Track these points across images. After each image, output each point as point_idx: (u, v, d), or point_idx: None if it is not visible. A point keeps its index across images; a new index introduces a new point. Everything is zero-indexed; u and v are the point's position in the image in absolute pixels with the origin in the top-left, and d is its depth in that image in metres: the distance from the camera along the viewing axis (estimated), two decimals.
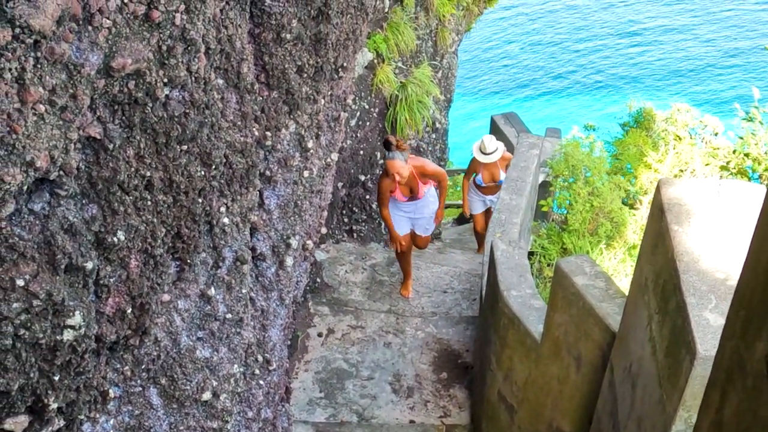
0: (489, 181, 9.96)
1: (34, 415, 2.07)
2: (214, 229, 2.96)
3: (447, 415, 7.68)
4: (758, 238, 1.45)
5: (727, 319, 1.57)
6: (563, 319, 4.86)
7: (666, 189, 3.66)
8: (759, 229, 1.45)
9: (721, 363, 1.57)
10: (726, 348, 1.54)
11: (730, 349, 1.50)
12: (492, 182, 9.92)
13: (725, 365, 1.53)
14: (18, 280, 1.80)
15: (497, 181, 9.81)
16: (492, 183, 9.94)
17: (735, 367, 1.44)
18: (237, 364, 3.30)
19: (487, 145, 9.65)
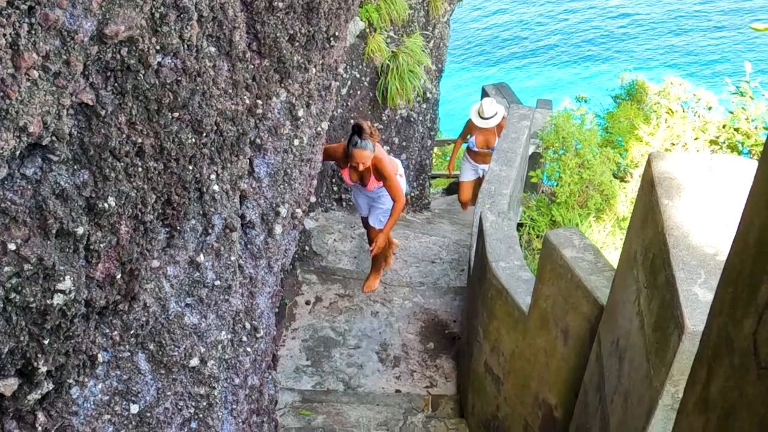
0: (483, 147, 9.89)
1: (24, 378, 2.07)
2: (204, 196, 2.95)
3: (433, 385, 7.73)
4: (748, 215, 1.45)
5: (715, 296, 1.58)
6: (551, 291, 4.88)
7: (657, 162, 3.66)
8: (749, 205, 1.45)
9: (708, 340, 1.58)
10: (713, 325, 1.55)
11: (718, 326, 1.51)
12: (486, 148, 9.86)
13: (712, 342, 1.53)
14: (10, 244, 1.79)
15: (491, 147, 9.71)
16: (486, 149, 9.87)
17: (722, 344, 1.45)
18: (225, 331, 3.31)
19: (485, 109, 9.58)
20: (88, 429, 2.49)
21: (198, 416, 3.13)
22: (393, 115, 10.21)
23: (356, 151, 6.84)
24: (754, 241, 1.34)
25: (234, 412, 3.68)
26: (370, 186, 7.45)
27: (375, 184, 7.40)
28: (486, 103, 9.72)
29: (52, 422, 2.33)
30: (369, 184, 7.44)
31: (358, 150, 6.83)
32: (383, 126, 10.20)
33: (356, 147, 6.82)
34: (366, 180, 7.41)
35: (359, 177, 7.42)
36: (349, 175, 7.47)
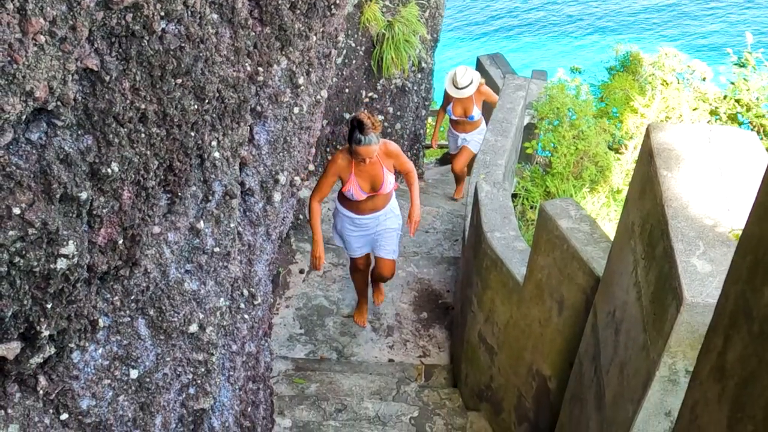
0: (460, 115, 9.67)
1: (27, 342, 2.07)
2: (205, 162, 2.94)
3: (426, 354, 7.76)
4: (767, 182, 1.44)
5: (732, 263, 1.58)
6: (546, 262, 4.89)
7: (656, 133, 3.66)
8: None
9: (724, 308, 1.58)
10: (730, 292, 1.55)
11: (735, 293, 1.51)
12: (463, 117, 9.64)
13: (729, 310, 1.54)
14: (14, 208, 1.79)
15: (469, 116, 9.57)
16: (463, 118, 9.66)
17: (740, 312, 1.45)
18: (223, 297, 3.31)
19: (459, 79, 9.21)
20: (88, 393, 2.50)
21: (196, 382, 3.15)
22: (388, 85, 10.16)
23: (363, 149, 6.06)
24: None
25: (231, 379, 3.70)
26: (385, 187, 6.52)
27: (390, 178, 6.50)
28: (460, 72, 9.31)
29: (53, 386, 2.34)
30: (384, 184, 6.50)
31: (364, 147, 6.06)
32: (378, 95, 10.16)
33: (361, 144, 6.05)
34: (379, 181, 6.48)
35: (370, 184, 6.49)
36: (359, 187, 6.46)
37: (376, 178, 6.44)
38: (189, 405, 3.12)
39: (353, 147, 6.09)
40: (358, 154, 6.11)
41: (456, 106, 9.64)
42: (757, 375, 1.33)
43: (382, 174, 6.43)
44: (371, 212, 6.74)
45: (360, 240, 6.99)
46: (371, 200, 6.62)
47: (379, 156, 6.30)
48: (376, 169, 6.39)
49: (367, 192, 6.50)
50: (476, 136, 9.78)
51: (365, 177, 6.42)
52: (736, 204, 3.24)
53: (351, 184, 6.41)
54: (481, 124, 9.86)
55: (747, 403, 1.37)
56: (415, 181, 6.70)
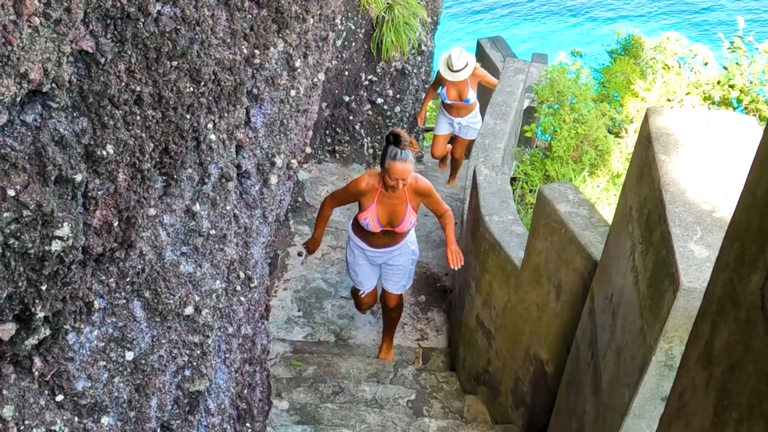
0: (455, 99, 9.37)
1: (21, 324, 2.07)
2: (200, 145, 2.94)
3: (424, 338, 7.78)
4: (756, 169, 1.44)
5: (720, 250, 1.58)
6: (544, 246, 4.89)
7: (654, 118, 3.66)
8: (757, 159, 1.44)
9: (712, 294, 1.58)
10: (718, 279, 1.55)
11: (723, 280, 1.51)
12: (458, 100, 9.37)
13: (717, 297, 1.54)
14: (9, 190, 1.78)
15: (464, 99, 9.32)
16: (458, 101, 9.38)
17: (727, 299, 1.45)
18: (219, 280, 3.31)
19: (454, 61, 8.90)
20: (83, 375, 2.50)
21: (192, 364, 3.15)
22: (387, 68, 10.14)
23: (397, 165, 5.37)
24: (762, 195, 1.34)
25: (227, 361, 3.70)
26: (404, 225, 5.89)
27: (412, 218, 5.89)
28: (455, 54, 8.97)
29: (49, 367, 2.34)
30: (403, 223, 5.87)
31: (399, 162, 5.36)
32: (377, 78, 10.14)
33: (396, 159, 5.36)
34: (399, 217, 5.85)
35: (389, 218, 5.87)
36: (377, 219, 5.82)
37: (398, 215, 5.83)
38: (185, 387, 3.12)
39: (387, 164, 5.41)
40: (391, 174, 5.42)
41: (450, 90, 9.35)
42: (743, 362, 1.33)
43: (405, 211, 5.81)
44: (384, 247, 6.23)
45: (368, 269, 6.49)
46: (386, 236, 6.06)
47: (407, 191, 5.69)
48: (400, 204, 5.77)
49: (383, 225, 5.90)
50: (471, 121, 9.64)
51: (386, 209, 5.81)
52: (735, 189, 3.23)
53: (369, 213, 5.80)
54: (475, 107, 9.64)
55: (732, 390, 1.37)
56: (450, 222, 6.00)
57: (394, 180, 5.45)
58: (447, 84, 9.29)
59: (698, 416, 1.57)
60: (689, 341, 1.74)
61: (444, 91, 9.42)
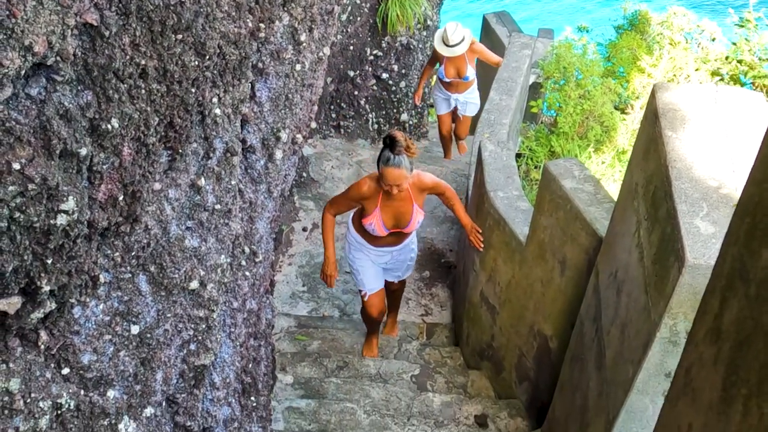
0: (453, 76, 9.27)
1: (27, 297, 2.08)
2: (205, 119, 2.93)
3: (428, 313, 7.79)
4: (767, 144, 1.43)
5: (730, 225, 1.57)
6: (549, 222, 4.88)
7: (661, 93, 3.64)
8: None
9: (721, 270, 1.58)
10: (727, 254, 1.54)
11: (732, 255, 1.50)
12: (457, 78, 9.27)
13: (726, 272, 1.53)
14: (14, 163, 1.78)
15: (463, 76, 9.23)
16: (457, 78, 9.28)
17: (736, 275, 1.45)
18: (224, 254, 3.31)
19: (450, 36, 8.74)
20: (89, 348, 2.51)
21: (197, 338, 3.16)
22: (393, 43, 10.10)
23: (389, 171, 5.16)
24: None
25: (232, 336, 3.72)
26: (411, 226, 5.73)
27: (419, 217, 5.71)
28: (450, 28, 8.77)
29: (55, 341, 2.35)
30: (411, 223, 5.70)
31: (391, 169, 5.15)
32: (382, 53, 10.09)
33: (388, 164, 5.15)
34: (406, 219, 5.66)
35: (395, 221, 5.68)
36: (383, 223, 5.63)
37: (404, 216, 5.65)
38: (190, 361, 3.13)
39: (380, 168, 5.25)
40: (384, 178, 5.23)
41: (448, 67, 9.20)
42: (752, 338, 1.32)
43: (412, 212, 5.62)
44: (388, 246, 6.02)
45: (377, 277, 6.28)
46: (392, 236, 5.87)
47: (411, 190, 5.50)
48: (405, 205, 5.57)
49: (389, 229, 5.71)
50: (470, 97, 9.57)
51: (392, 213, 5.61)
52: (741, 165, 3.22)
53: (374, 218, 5.59)
54: (474, 82, 9.55)
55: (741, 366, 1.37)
56: (456, 199, 5.96)
57: (387, 186, 5.25)
58: (444, 61, 9.15)
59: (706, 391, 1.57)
60: (697, 316, 1.73)
61: (442, 68, 9.28)
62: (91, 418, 2.54)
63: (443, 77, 9.33)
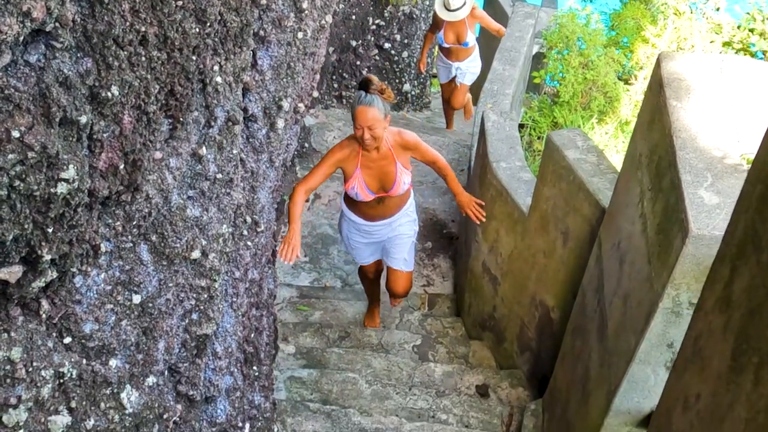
0: (453, 42, 9.11)
1: (28, 266, 2.07)
2: (207, 87, 2.90)
3: (430, 284, 7.80)
4: None
5: (741, 192, 1.55)
6: (552, 192, 4.87)
7: (666, 63, 3.61)
8: None
9: (732, 237, 1.56)
10: (739, 222, 1.52)
11: (744, 223, 1.48)
12: (456, 43, 9.11)
13: (737, 239, 1.51)
14: (13, 131, 1.76)
15: (462, 42, 9.08)
16: (456, 44, 9.12)
17: (749, 242, 1.43)
18: (226, 224, 3.30)
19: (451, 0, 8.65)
20: (91, 317, 2.50)
21: (199, 308, 3.15)
22: (395, 12, 10.03)
23: (359, 110, 4.81)
24: None
25: (234, 305, 3.71)
26: (397, 188, 5.31)
27: (405, 178, 5.30)
28: None
29: (56, 310, 2.34)
30: (396, 184, 5.28)
31: (361, 107, 4.80)
32: (385, 23, 10.03)
33: (360, 103, 4.81)
34: (390, 180, 5.26)
35: (379, 183, 5.30)
36: (366, 185, 5.24)
37: (388, 176, 5.25)
38: (192, 330, 3.13)
39: (352, 113, 4.90)
40: (356, 122, 4.86)
41: (448, 32, 9.05)
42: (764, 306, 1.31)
43: (395, 171, 5.22)
44: (381, 218, 5.64)
45: (369, 248, 6.00)
46: (381, 204, 5.48)
47: (393, 148, 5.15)
48: (388, 164, 5.20)
49: (374, 192, 5.32)
50: (470, 65, 9.42)
51: (374, 173, 5.23)
52: (747, 135, 3.20)
53: (355, 180, 5.21)
54: (474, 50, 9.39)
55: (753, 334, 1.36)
56: (447, 169, 5.50)
57: (360, 129, 4.85)
58: (444, 26, 9.02)
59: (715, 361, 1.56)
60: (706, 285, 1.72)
61: (441, 34, 9.15)
62: (94, 386, 2.54)
63: (442, 42, 9.21)
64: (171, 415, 3.07)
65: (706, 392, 1.71)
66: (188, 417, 3.32)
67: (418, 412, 5.58)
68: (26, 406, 2.18)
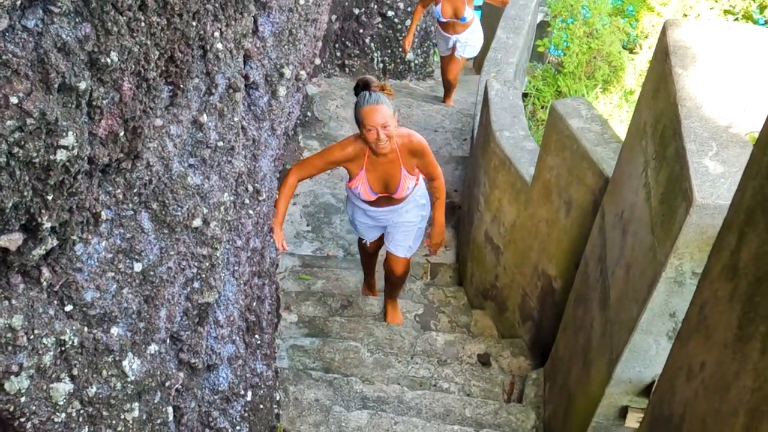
0: (450, 16, 8.93)
1: (28, 234, 2.05)
2: (207, 54, 2.87)
3: None
4: None
5: (750, 158, 1.53)
6: (555, 162, 4.85)
7: (672, 31, 3.57)
8: None
9: (740, 204, 1.54)
10: (747, 188, 1.50)
11: (753, 188, 1.46)
12: (454, 18, 8.92)
13: (745, 206, 1.49)
14: (12, 97, 1.74)
15: (460, 17, 8.89)
16: (454, 19, 8.94)
17: (757, 208, 1.41)
18: (227, 192, 3.28)
19: None
20: (92, 285, 2.49)
21: (201, 276, 3.14)
22: None
23: (368, 109, 4.60)
24: None
25: (236, 274, 3.70)
26: (401, 191, 5.16)
27: (408, 183, 5.14)
28: None
29: (57, 278, 2.33)
30: (400, 188, 5.13)
31: (369, 107, 4.60)
32: None
33: (366, 103, 4.60)
34: (394, 183, 5.11)
35: (383, 185, 5.14)
36: (369, 187, 5.10)
37: (392, 180, 5.10)
38: (193, 299, 3.13)
39: (359, 117, 4.70)
40: (366, 125, 4.66)
41: (445, 6, 8.88)
42: None
43: (400, 176, 5.05)
44: (387, 205, 5.46)
45: (374, 231, 5.85)
46: (385, 199, 5.34)
47: (400, 151, 4.95)
48: (393, 168, 5.02)
49: (378, 193, 5.19)
50: (470, 37, 9.18)
51: (378, 176, 5.08)
52: (753, 104, 3.17)
53: (359, 181, 5.07)
54: (473, 23, 9.16)
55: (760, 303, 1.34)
56: (441, 191, 5.38)
57: (370, 129, 4.64)
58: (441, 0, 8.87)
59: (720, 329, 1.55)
60: (712, 253, 1.70)
61: (439, 8, 8.96)
62: (95, 354, 2.54)
63: (440, 17, 9.04)
64: (173, 382, 3.07)
65: (711, 361, 1.70)
66: (190, 385, 3.33)
67: (419, 380, 5.60)
68: (28, 373, 2.18)
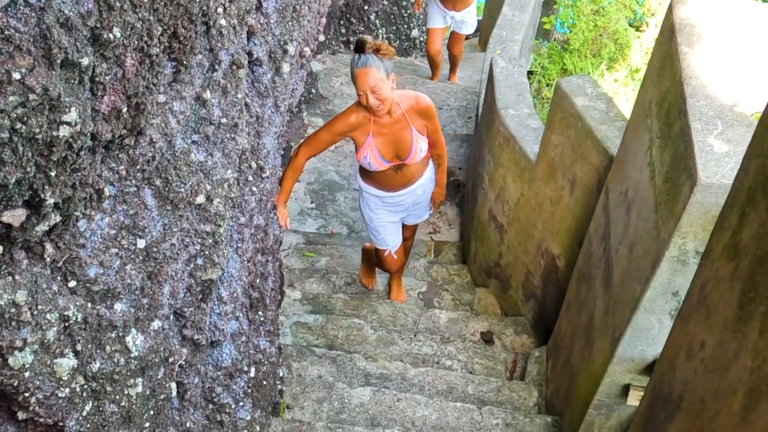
0: None
1: (32, 210, 2.05)
2: (210, 30, 2.86)
3: (436, 231, 7.79)
4: None
5: (753, 137, 1.52)
6: (560, 140, 4.83)
7: (679, 8, 3.55)
8: None
9: (742, 183, 1.53)
10: (749, 168, 1.50)
11: (755, 168, 1.45)
12: None
13: (747, 185, 1.49)
14: (14, 73, 1.73)
15: None
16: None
17: (759, 188, 1.40)
18: (231, 169, 3.28)
19: None
20: (95, 261, 2.50)
21: (204, 253, 3.15)
22: None
23: (357, 73, 4.46)
24: None
25: (239, 251, 3.71)
26: (414, 155, 4.91)
27: (422, 145, 4.92)
28: None
29: (60, 254, 2.33)
30: (412, 152, 4.89)
31: (358, 71, 4.45)
32: None
33: (358, 66, 4.44)
34: (406, 147, 4.87)
35: (394, 150, 4.90)
36: (379, 154, 4.86)
37: (403, 144, 4.86)
38: (197, 275, 3.13)
39: (353, 80, 4.57)
40: (357, 87, 4.53)
41: None
42: None
43: (411, 138, 4.83)
44: (403, 187, 5.23)
45: (396, 230, 5.64)
46: (400, 172, 5.08)
47: (408, 114, 4.77)
48: (402, 129, 4.80)
49: (389, 161, 4.93)
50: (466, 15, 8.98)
51: (387, 140, 4.82)
52: (759, 83, 3.15)
53: (367, 149, 4.82)
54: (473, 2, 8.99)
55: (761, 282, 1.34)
56: (444, 158, 5.28)
57: (363, 95, 4.51)
58: None
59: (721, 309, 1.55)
60: (714, 232, 1.70)
61: None
62: (99, 330, 2.55)
63: None
64: (176, 358, 3.09)
65: (711, 340, 1.70)
66: (194, 361, 3.34)
67: (422, 357, 5.62)
68: (32, 348, 2.18)
